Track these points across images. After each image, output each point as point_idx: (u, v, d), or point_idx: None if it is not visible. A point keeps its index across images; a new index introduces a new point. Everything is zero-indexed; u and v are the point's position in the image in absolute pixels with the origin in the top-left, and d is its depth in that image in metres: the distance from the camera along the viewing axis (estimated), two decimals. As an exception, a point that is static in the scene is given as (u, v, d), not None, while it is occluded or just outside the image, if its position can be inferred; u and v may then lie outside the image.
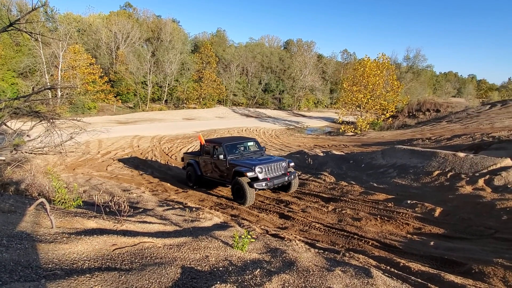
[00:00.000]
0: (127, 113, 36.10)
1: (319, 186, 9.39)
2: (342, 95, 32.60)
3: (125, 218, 4.07)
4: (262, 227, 5.95)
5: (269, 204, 7.94)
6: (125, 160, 14.85)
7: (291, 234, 5.55)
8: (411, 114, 37.33)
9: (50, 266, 2.39)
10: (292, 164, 9.00)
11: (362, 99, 29.29)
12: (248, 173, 7.84)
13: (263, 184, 7.86)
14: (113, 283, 2.29)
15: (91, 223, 3.61)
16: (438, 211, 6.66)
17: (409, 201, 7.29)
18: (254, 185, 7.75)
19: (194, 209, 6.36)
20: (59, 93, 25.73)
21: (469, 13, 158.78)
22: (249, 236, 3.60)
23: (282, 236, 5.16)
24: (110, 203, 4.09)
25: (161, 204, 6.85)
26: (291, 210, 7.44)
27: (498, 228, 5.67)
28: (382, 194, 8.00)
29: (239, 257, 3.32)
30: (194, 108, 43.40)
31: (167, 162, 15.01)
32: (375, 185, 9.08)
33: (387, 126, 31.26)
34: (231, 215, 6.91)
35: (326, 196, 8.29)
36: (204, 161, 9.71)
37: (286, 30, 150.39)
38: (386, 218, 6.45)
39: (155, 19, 51.22)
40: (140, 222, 4.14)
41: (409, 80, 50.05)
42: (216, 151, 9.09)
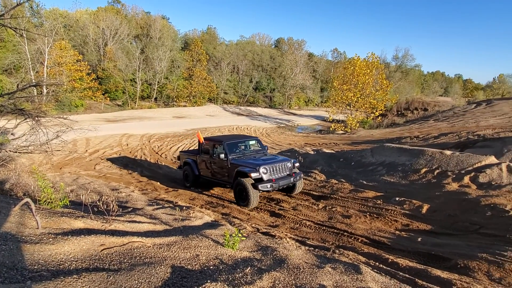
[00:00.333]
0: (116, 111, 35.45)
1: (310, 184, 9.46)
2: (333, 93, 32.91)
3: (113, 217, 4.00)
4: (253, 225, 5.96)
5: (260, 202, 7.94)
6: (114, 159, 14.61)
7: (282, 232, 5.58)
8: (399, 112, 38.00)
9: (36, 267, 2.33)
10: (297, 164, 8.58)
11: (352, 97, 29.61)
12: (252, 174, 7.37)
13: (268, 186, 7.36)
14: (101, 284, 2.25)
15: (79, 223, 3.54)
16: (426, 207, 6.81)
17: (397, 198, 7.42)
18: (259, 187, 7.28)
19: (184, 208, 6.31)
20: (45, 90, 25.10)
21: (456, 14, 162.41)
22: (240, 235, 3.60)
23: (273, 234, 5.18)
24: (98, 203, 4.01)
25: (151, 203, 6.76)
26: (282, 208, 7.47)
27: (482, 224, 5.84)
28: (371, 192, 8.12)
29: (230, 255, 3.31)
30: (185, 106, 42.99)
31: (157, 161, 14.85)
32: (365, 182, 9.21)
33: (376, 125, 31.75)
34: (222, 214, 6.89)
35: (317, 194, 8.36)
36: (202, 160, 9.29)
37: (277, 29, 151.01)
38: (375, 215, 6.56)
39: (144, 15, 50.44)
40: (129, 221, 4.08)
41: (398, 79, 50.87)
42: (216, 150, 8.67)
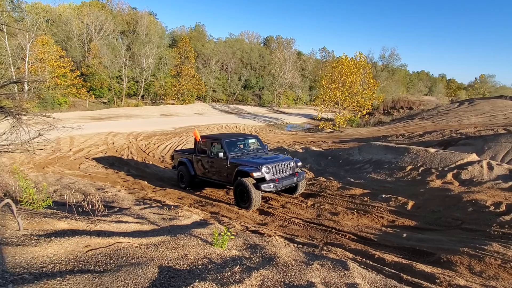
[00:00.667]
0: (101, 108, 34.66)
1: (298, 182, 9.52)
2: (321, 92, 33.22)
3: (99, 218, 3.91)
4: (242, 223, 5.95)
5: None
6: (100, 158, 14.29)
7: (271, 230, 5.60)
8: (386, 111, 38.75)
9: (17, 270, 2.25)
10: (300, 163, 8.32)
11: (340, 96, 29.98)
12: (254, 173, 7.06)
13: (271, 186, 7.05)
14: (86, 286, 2.20)
15: (62, 224, 3.44)
16: (411, 204, 6.98)
17: (384, 195, 7.58)
18: (261, 187, 6.95)
19: (172, 207, 6.24)
20: (26, 87, 24.31)
21: (441, 16, 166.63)
22: (229, 233, 3.59)
23: (262, 232, 5.19)
24: (83, 203, 3.91)
25: (138, 202, 6.65)
26: (271, 206, 7.50)
27: (464, 219, 6.04)
28: (358, 189, 8.26)
29: (219, 254, 3.30)
30: (172, 104, 42.44)
31: (144, 160, 14.63)
32: (352, 180, 9.35)
33: (363, 123, 32.28)
34: (211, 213, 6.85)
35: (305, 191, 8.43)
36: (199, 159, 8.94)
37: (266, 27, 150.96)
38: (362, 212, 6.67)
39: (131, 11, 49.52)
40: (115, 221, 4.01)
41: (385, 78, 51.83)
42: (214, 149, 8.38)
